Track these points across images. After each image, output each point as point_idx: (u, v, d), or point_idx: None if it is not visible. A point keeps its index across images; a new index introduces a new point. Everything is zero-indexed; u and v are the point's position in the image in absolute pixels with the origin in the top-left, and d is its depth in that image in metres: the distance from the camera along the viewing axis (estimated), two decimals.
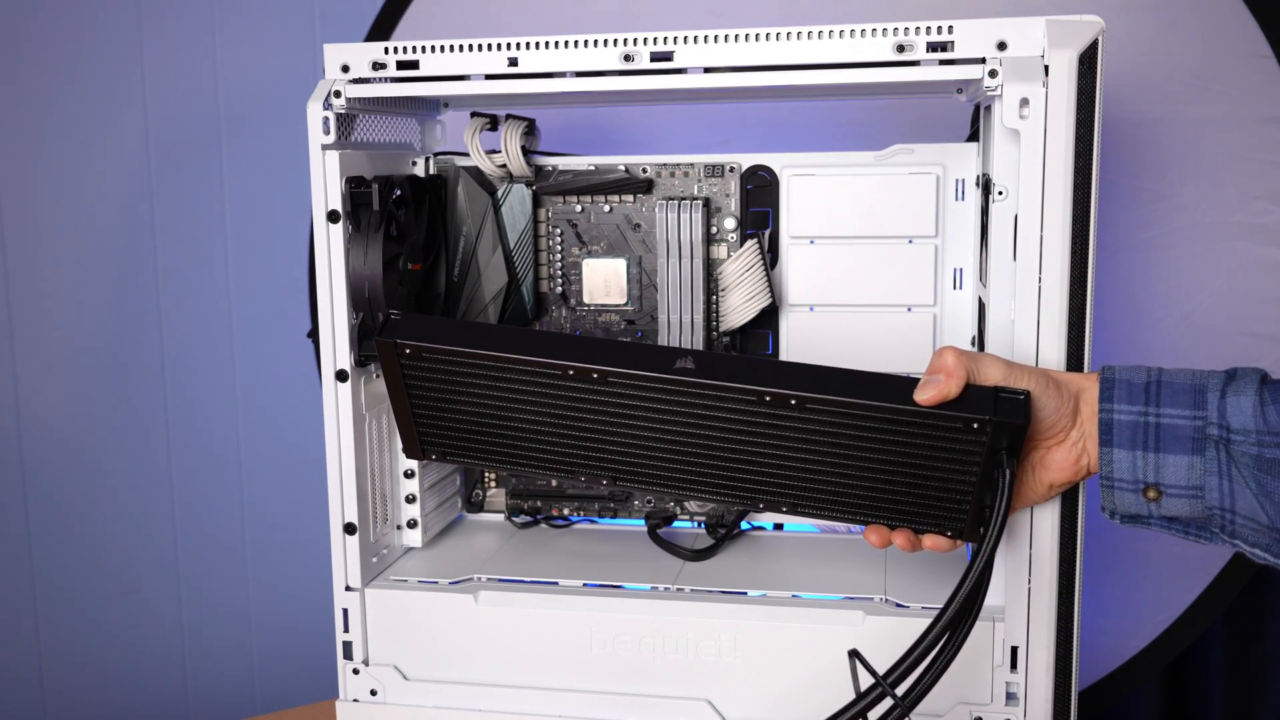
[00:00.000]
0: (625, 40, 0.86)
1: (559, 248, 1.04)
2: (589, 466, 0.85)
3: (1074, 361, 0.80)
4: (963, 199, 0.97)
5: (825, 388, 0.76)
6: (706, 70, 0.86)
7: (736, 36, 0.85)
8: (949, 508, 0.79)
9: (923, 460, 0.77)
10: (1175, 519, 0.75)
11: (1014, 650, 0.85)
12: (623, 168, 1.02)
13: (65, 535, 1.57)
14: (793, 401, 0.76)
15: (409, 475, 1.01)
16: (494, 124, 1.01)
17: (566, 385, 0.80)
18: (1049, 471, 0.78)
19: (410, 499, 1.02)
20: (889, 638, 0.85)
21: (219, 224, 1.49)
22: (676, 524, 1.07)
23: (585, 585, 0.95)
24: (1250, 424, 0.71)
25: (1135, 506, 0.75)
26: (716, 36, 0.85)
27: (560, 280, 1.05)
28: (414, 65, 0.89)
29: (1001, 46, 0.80)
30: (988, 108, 0.90)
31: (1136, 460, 0.74)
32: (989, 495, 0.75)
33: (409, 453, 0.90)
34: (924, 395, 0.74)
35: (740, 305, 0.99)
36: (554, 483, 1.08)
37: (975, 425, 0.74)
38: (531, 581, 0.96)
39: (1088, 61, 0.77)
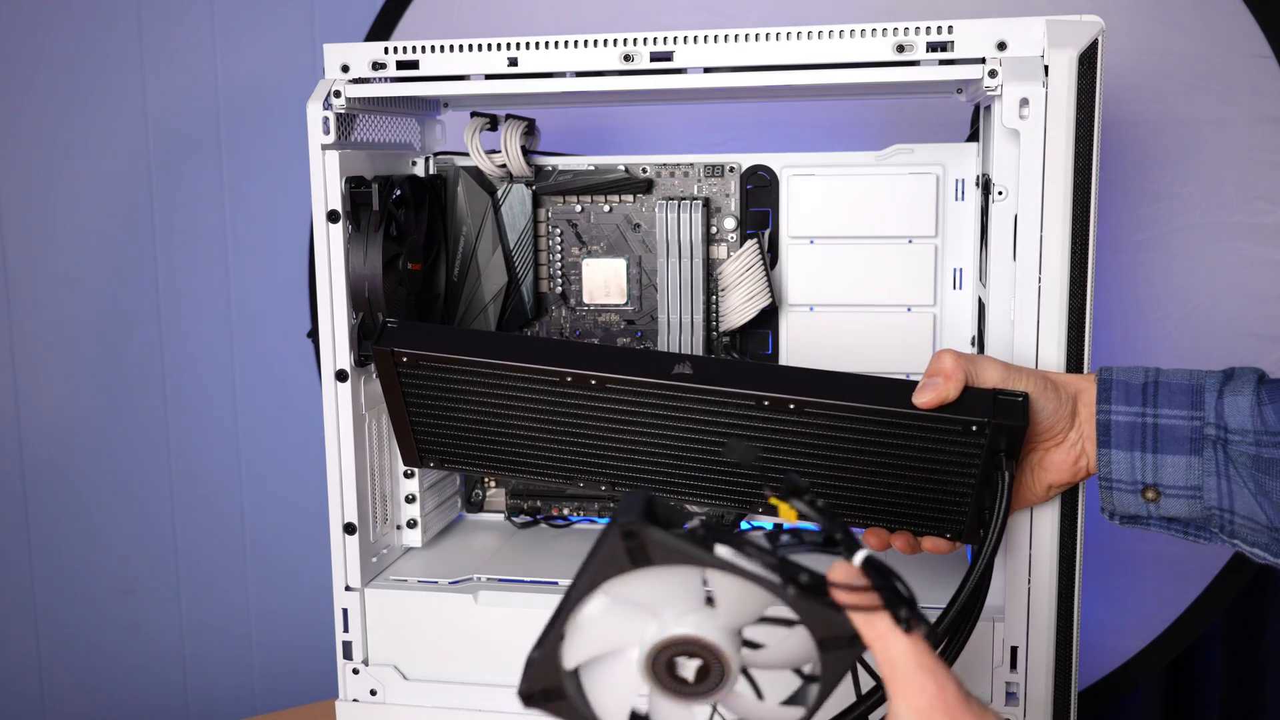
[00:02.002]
0: (625, 40, 0.86)
1: (559, 248, 1.04)
2: (587, 472, 0.85)
3: (1074, 361, 0.80)
4: (962, 199, 0.97)
5: (823, 392, 0.76)
6: (706, 70, 0.86)
7: (736, 36, 0.85)
8: (948, 510, 0.79)
9: (922, 463, 0.77)
10: (1174, 519, 0.75)
11: (1014, 650, 0.85)
12: (623, 168, 1.02)
13: (65, 535, 1.57)
14: (791, 406, 0.76)
15: (409, 475, 1.01)
16: (494, 124, 1.01)
17: (565, 392, 0.80)
18: (1048, 473, 0.77)
19: (410, 499, 1.02)
20: None
21: (219, 224, 1.49)
22: None
23: None
24: (1248, 424, 0.71)
25: (1134, 507, 0.75)
26: (716, 36, 0.85)
27: (560, 280, 1.05)
28: (414, 65, 0.89)
29: (1001, 46, 0.80)
30: (988, 108, 0.90)
31: (1135, 461, 0.74)
32: (988, 497, 0.75)
33: (407, 460, 0.89)
34: (922, 398, 0.74)
35: (740, 305, 0.99)
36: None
37: (974, 428, 0.74)
38: (531, 581, 0.96)
39: (1088, 61, 0.77)
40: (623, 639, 0.54)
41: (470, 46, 0.88)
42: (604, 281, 1.04)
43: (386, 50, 0.89)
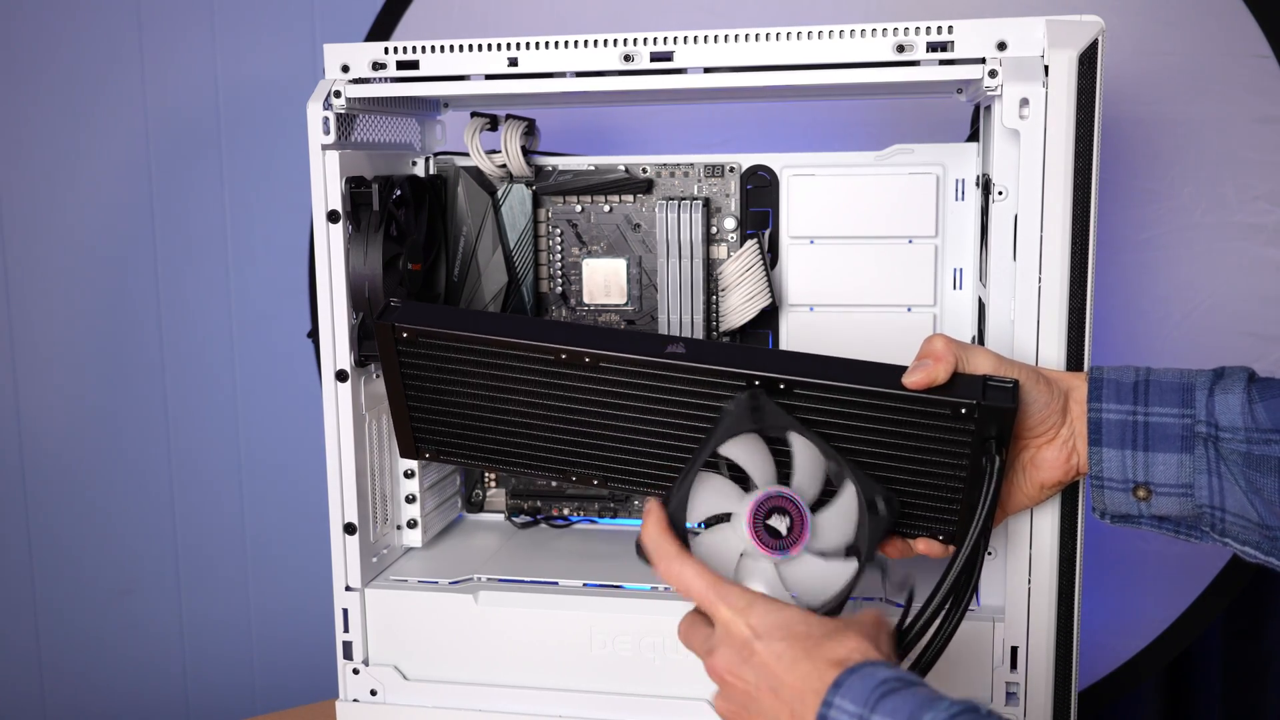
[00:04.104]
0: (625, 40, 0.86)
1: (559, 248, 1.04)
2: (583, 464, 0.85)
3: (1074, 361, 0.80)
4: (963, 199, 0.97)
5: (814, 372, 0.76)
6: (706, 70, 0.86)
7: (736, 36, 0.85)
8: (940, 508, 0.78)
9: (912, 451, 0.76)
10: (1165, 518, 0.75)
11: (1014, 650, 0.85)
12: (623, 168, 1.02)
13: (65, 535, 1.57)
14: (781, 385, 0.75)
15: (409, 475, 1.01)
16: (494, 124, 1.01)
17: (560, 373, 0.80)
18: (1040, 471, 0.77)
19: (410, 499, 1.02)
20: None
21: (219, 224, 1.49)
22: None
23: (585, 585, 0.95)
24: (1239, 421, 0.72)
25: (1125, 506, 0.75)
26: (716, 36, 0.85)
27: (560, 280, 1.05)
28: (414, 65, 0.89)
29: (1001, 46, 0.80)
30: (988, 108, 0.90)
31: (1126, 459, 0.74)
32: (979, 494, 0.75)
33: (404, 452, 0.89)
34: (912, 379, 0.74)
35: (740, 305, 0.99)
36: (553, 482, 1.08)
37: (963, 410, 0.73)
38: (531, 581, 0.96)
39: (1088, 61, 0.77)
40: (727, 503, 0.73)
41: (470, 46, 0.88)
42: (604, 281, 1.04)
43: (386, 50, 0.90)
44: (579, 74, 0.88)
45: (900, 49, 0.82)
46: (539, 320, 1.03)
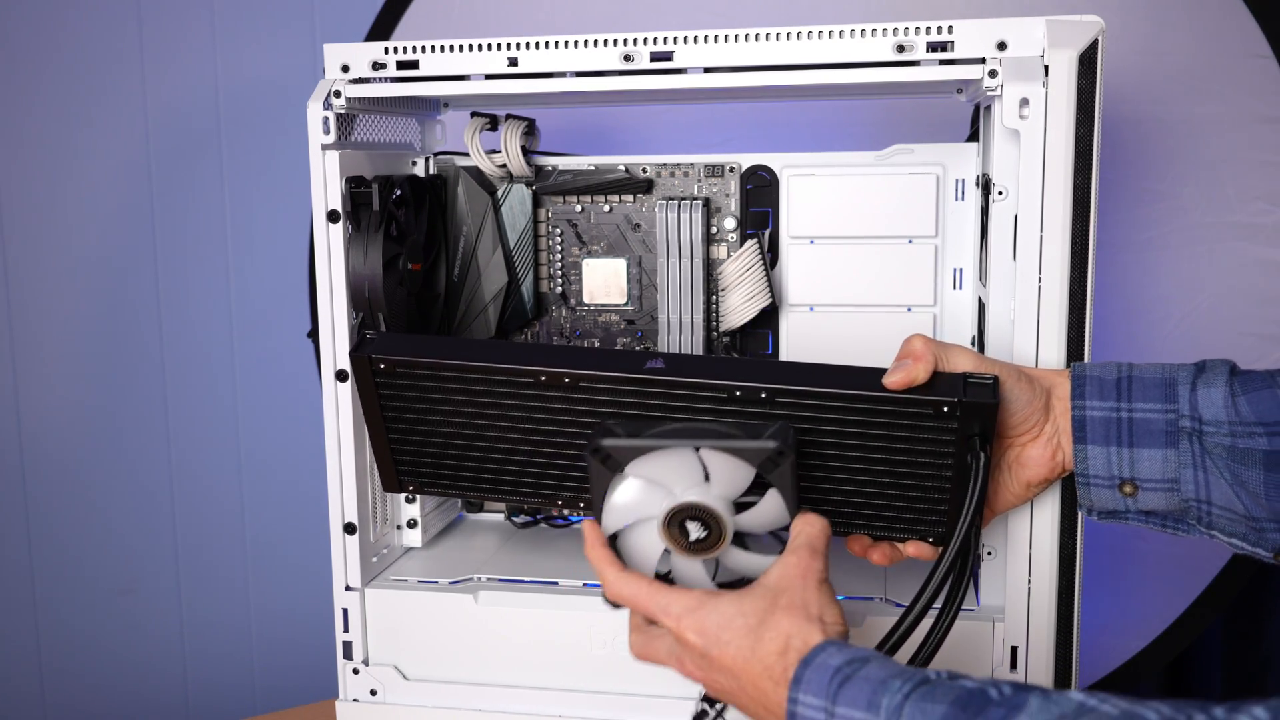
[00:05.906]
0: (625, 40, 0.86)
1: (559, 248, 1.04)
2: (567, 489, 0.84)
3: (1073, 361, 0.80)
4: (963, 199, 0.97)
5: (796, 381, 0.76)
6: (706, 70, 0.86)
7: (736, 36, 0.85)
8: (928, 510, 0.78)
9: (897, 454, 0.76)
10: (1152, 513, 0.75)
11: (1014, 650, 0.85)
12: (623, 168, 1.02)
13: (65, 535, 1.57)
14: (763, 395, 0.75)
15: None
16: (494, 124, 1.01)
17: (541, 396, 0.80)
18: (1026, 469, 0.77)
19: (410, 499, 1.02)
20: None
21: (219, 224, 1.49)
22: None
23: (585, 585, 0.95)
24: (1222, 415, 0.72)
25: (1112, 502, 0.76)
26: (716, 36, 0.85)
27: (560, 280, 1.05)
28: (414, 65, 0.89)
29: (1001, 46, 0.80)
30: (988, 108, 0.90)
31: (1111, 456, 0.74)
32: (966, 493, 0.75)
33: (386, 486, 0.88)
34: (892, 379, 0.74)
35: (740, 305, 0.99)
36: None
37: (945, 409, 0.73)
38: (531, 581, 0.96)
39: (1088, 61, 0.77)
40: (646, 509, 0.72)
41: (470, 46, 0.88)
42: (604, 281, 1.04)
43: (386, 50, 0.90)
44: (579, 74, 0.88)
45: (900, 49, 0.82)
46: (517, 344, 1.03)
